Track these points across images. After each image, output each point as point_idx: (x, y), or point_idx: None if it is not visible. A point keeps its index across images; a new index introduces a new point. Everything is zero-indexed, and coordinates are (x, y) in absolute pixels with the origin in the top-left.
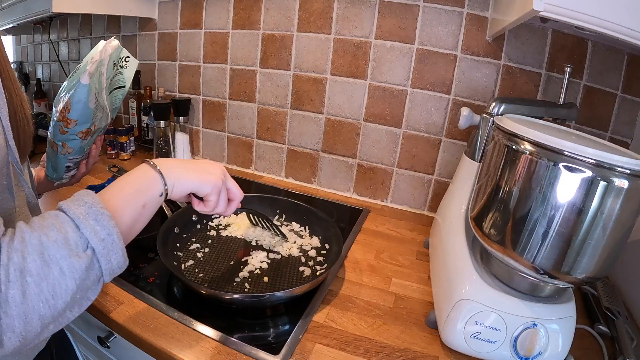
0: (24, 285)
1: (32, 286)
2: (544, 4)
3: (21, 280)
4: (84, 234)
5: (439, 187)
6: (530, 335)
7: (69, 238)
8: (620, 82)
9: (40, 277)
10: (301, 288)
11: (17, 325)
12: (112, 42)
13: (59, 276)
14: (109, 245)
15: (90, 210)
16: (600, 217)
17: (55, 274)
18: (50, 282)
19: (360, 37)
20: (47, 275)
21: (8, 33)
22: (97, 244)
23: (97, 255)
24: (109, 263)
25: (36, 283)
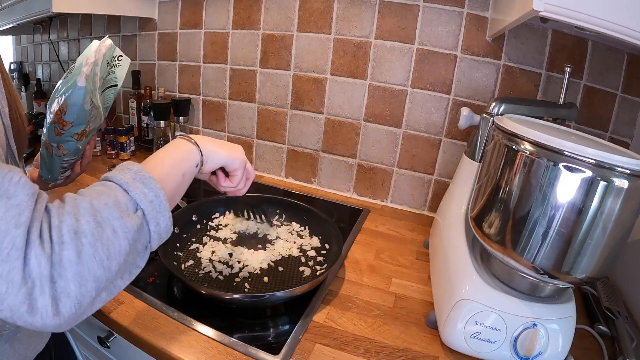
0: (78, 246)
1: (87, 247)
2: (544, 4)
3: (76, 241)
4: (133, 196)
5: (439, 187)
6: (530, 335)
7: (119, 200)
8: (620, 82)
9: (95, 237)
10: (301, 288)
11: (73, 289)
12: (105, 42)
13: (112, 236)
14: (157, 207)
15: (136, 176)
16: (600, 217)
17: (108, 234)
18: (105, 243)
19: (360, 37)
20: (101, 236)
21: (8, 33)
22: (146, 206)
23: (146, 217)
24: (157, 225)
25: (91, 244)
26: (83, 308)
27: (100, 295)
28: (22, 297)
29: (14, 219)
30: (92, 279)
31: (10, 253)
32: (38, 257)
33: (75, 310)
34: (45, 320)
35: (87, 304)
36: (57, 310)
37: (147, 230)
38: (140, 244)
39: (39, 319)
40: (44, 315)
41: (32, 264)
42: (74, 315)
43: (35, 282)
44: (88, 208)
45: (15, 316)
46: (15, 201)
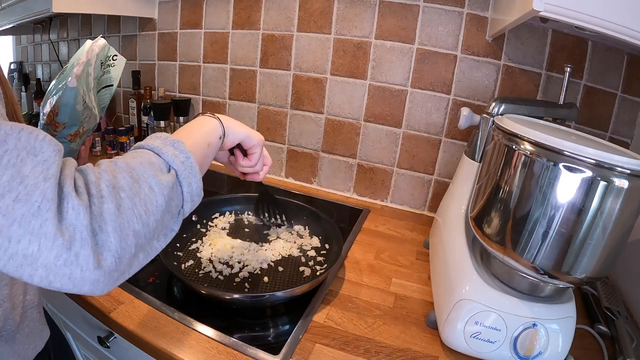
0: (117, 200)
1: (126, 201)
2: (544, 4)
3: (114, 194)
4: (164, 158)
5: (439, 187)
6: (530, 335)
7: (152, 161)
8: (620, 82)
9: (133, 192)
10: (301, 288)
11: (113, 242)
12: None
13: (149, 192)
14: (188, 168)
15: (166, 141)
16: (600, 217)
17: (145, 190)
18: (142, 198)
19: (360, 37)
20: (139, 192)
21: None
22: (178, 166)
23: (179, 177)
24: (189, 186)
25: (129, 198)
26: (123, 265)
27: (138, 256)
28: (58, 251)
29: (42, 173)
30: (132, 233)
31: (40, 206)
32: (76, 208)
33: (115, 265)
34: (85, 274)
35: (126, 260)
36: (98, 263)
37: (180, 192)
38: (175, 204)
39: (77, 272)
40: (84, 268)
41: (70, 216)
42: (114, 272)
43: (74, 234)
44: (124, 166)
45: (51, 275)
46: (42, 157)
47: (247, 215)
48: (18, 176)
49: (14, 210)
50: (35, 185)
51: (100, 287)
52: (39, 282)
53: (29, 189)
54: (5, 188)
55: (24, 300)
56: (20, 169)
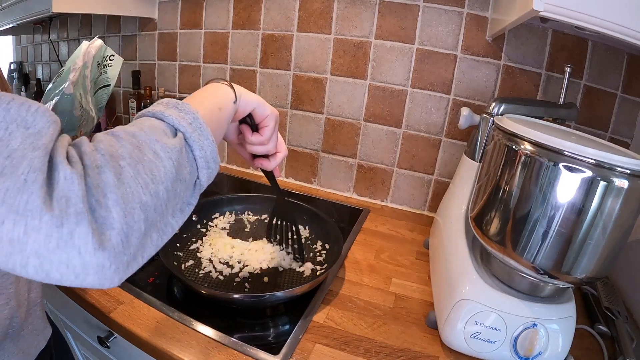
0: (117, 169)
1: (127, 169)
2: (544, 4)
3: (113, 163)
4: (168, 121)
5: (439, 187)
6: (530, 335)
7: (155, 125)
8: (620, 82)
9: (134, 159)
10: (301, 288)
11: (116, 217)
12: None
13: (154, 158)
14: (197, 129)
15: (169, 104)
16: (600, 217)
17: (149, 156)
18: (147, 165)
19: (360, 37)
20: (142, 159)
21: (8, 33)
22: (185, 128)
23: (188, 141)
24: (202, 150)
25: (131, 165)
26: (132, 246)
27: (151, 235)
28: (47, 230)
29: (32, 144)
30: (138, 206)
31: (27, 178)
32: (69, 178)
33: (122, 245)
34: (85, 258)
35: (136, 240)
36: (100, 243)
37: (192, 158)
38: (187, 172)
39: (75, 256)
40: (83, 250)
41: (61, 186)
42: (122, 254)
43: (67, 207)
44: (121, 134)
45: (45, 263)
46: (34, 129)
47: (247, 215)
48: (5, 150)
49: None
50: (22, 157)
51: (108, 275)
52: (34, 275)
53: (15, 162)
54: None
55: (28, 298)
56: (8, 142)
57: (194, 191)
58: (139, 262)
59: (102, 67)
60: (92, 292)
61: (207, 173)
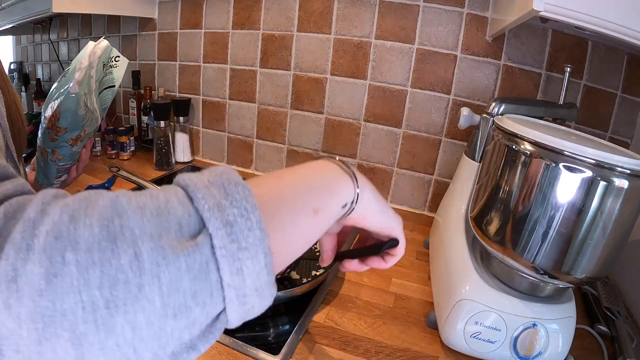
0: (54, 263)
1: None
2: (544, 4)
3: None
4: (197, 206)
5: (439, 187)
6: (530, 335)
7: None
8: (620, 82)
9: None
10: (301, 288)
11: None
12: (100, 43)
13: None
14: (241, 236)
15: (219, 178)
16: (600, 217)
17: (123, 260)
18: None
19: (360, 37)
20: (108, 260)
21: (8, 33)
22: (217, 228)
23: (216, 252)
24: (238, 274)
25: (80, 266)
26: None
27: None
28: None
29: None
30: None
31: None
32: None
33: None
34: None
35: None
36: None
37: (218, 281)
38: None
39: None
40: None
41: None
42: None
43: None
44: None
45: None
46: None
47: None
48: None
49: None
50: None
51: None
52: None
53: None
54: None
55: None
56: None
57: (210, 330)
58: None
59: (107, 67)
60: None
61: (241, 311)
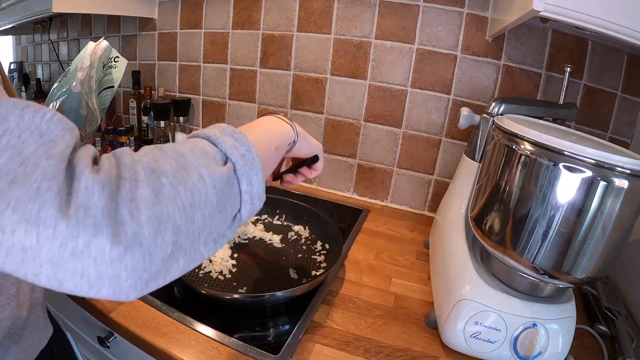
0: (156, 186)
1: (167, 187)
2: (544, 4)
3: (153, 179)
4: (221, 148)
5: (439, 187)
6: (530, 335)
7: (206, 149)
8: (620, 82)
9: (177, 179)
10: (301, 288)
11: (146, 235)
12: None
13: (198, 182)
14: (249, 163)
15: (225, 130)
16: (600, 217)
17: (194, 179)
18: (189, 187)
19: (360, 37)
20: (185, 180)
21: (8, 33)
22: (237, 159)
23: (237, 172)
24: (249, 185)
25: (172, 185)
26: (155, 265)
27: (178, 260)
28: (62, 239)
29: (46, 152)
30: (171, 228)
31: (40, 186)
32: (90, 188)
33: (144, 262)
34: (101, 267)
35: (159, 260)
36: (120, 255)
37: (238, 191)
38: (230, 203)
39: (91, 266)
40: (99, 260)
41: (81, 197)
42: (141, 271)
43: (84, 218)
44: (170, 151)
45: (59, 272)
46: (48, 137)
47: None
48: (18, 157)
49: (8, 193)
50: (36, 164)
51: (124, 288)
52: (47, 283)
53: (29, 169)
54: (2, 171)
55: (30, 298)
56: (21, 150)
57: (232, 224)
58: (159, 282)
59: (107, 68)
60: None
61: (250, 208)
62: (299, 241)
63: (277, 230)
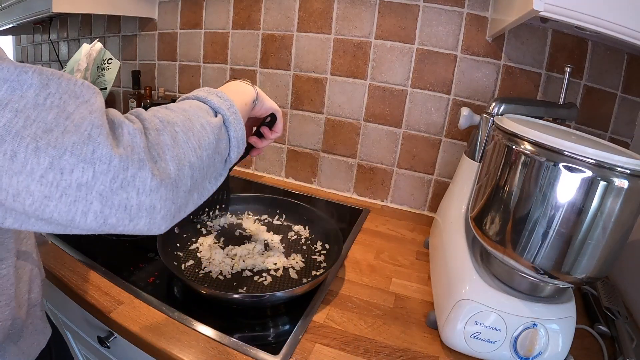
0: (172, 133)
1: (181, 134)
2: (544, 4)
3: (170, 128)
4: (211, 105)
5: (439, 187)
6: (530, 335)
7: (201, 106)
8: (620, 82)
9: (187, 127)
10: (301, 288)
11: (172, 169)
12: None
13: (201, 129)
14: (233, 114)
15: (210, 91)
16: (600, 217)
17: (198, 127)
18: (195, 134)
19: (360, 37)
20: (192, 128)
21: (8, 33)
22: (224, 111)
23: (225, 122)
24: (235, 131)
25: (184, 132)
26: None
27: (193, 194)
28: (115, 172)
29: (87, 109)
30: (188, 165)
31: (91, 133)
32: (132, 132)
33: (173, 193)
34: (142, 198)
35: (183, 193)
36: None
37: (227, 137)
38: (223, 147)
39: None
40: (141, 190)
41: (126, 138)
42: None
43: (132, 154)
44: (175, 108)
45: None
46: (84, 99)
47: (247, 216)
48: (63, 114)
49: (63, 140)
50: (82, 117)
51: (157, 219)
52: (93, 221)
53: (77, 121)
54: (53, 124)
55: (28, 299)
56: (64, 108)
57: (225, 165)
58: (181, 214)
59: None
60: (92, 292)
61: (236, 151)
62: (299, 241)
63: (277, 230)
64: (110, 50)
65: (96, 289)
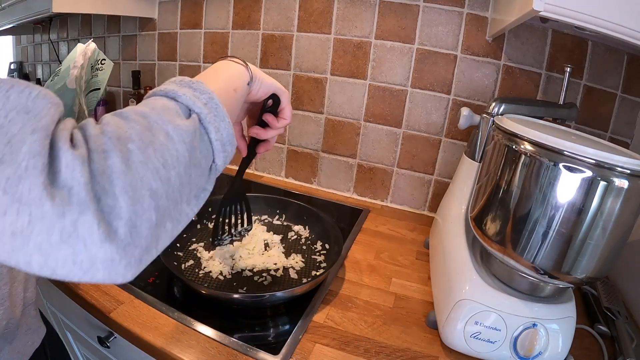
0: (124, 153)
1: (136, 152)
2: (544, 4)
3: (120, 147)
4: (182, 101)
5: (439, 187)
6: (530, 335)
7: (168, 106)
8: (620, 82)
9: (144, 142)
10: (301, 288)
11: (123, 206)
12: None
13: (166, 141)
14: (213, 110)
15: (182, 83)
16: (600, 217)
17: (161, 139)
18: (158, 148)
19: (360, 37)
20: (152, 141)
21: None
22: (200, 109)
23: (203, 122)
24: (218, 132)
25: (140, 149)
26: (142, 237)
27: (164, 225)
28: (50, 221)
29: (31, 127)
30: (148, 193)
31: (28, 165)
32: (70, 165)
33: (130, 236)
34: (92, 251)
35: (146, 230)
36: (107, 234)
37: (208, 140)
38: (203, 155)
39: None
40: (88, 242)
41: (63, 175)
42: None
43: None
44: (132, 115)
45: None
46: (34, 113)
47: None
48: (5, 137)
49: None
50: (22, 141)
51: (118, 269)
52: (39, 271)
53: (15, 148)
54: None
55: (23, 298)
56: (8, 129)
57: (209, 176)
58: (152, 254)
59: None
60: (92, 292)
61: (223, 156)
62: (299, 241)
63: (277, 230)
64: (110, 50)
65: (96, 288)
